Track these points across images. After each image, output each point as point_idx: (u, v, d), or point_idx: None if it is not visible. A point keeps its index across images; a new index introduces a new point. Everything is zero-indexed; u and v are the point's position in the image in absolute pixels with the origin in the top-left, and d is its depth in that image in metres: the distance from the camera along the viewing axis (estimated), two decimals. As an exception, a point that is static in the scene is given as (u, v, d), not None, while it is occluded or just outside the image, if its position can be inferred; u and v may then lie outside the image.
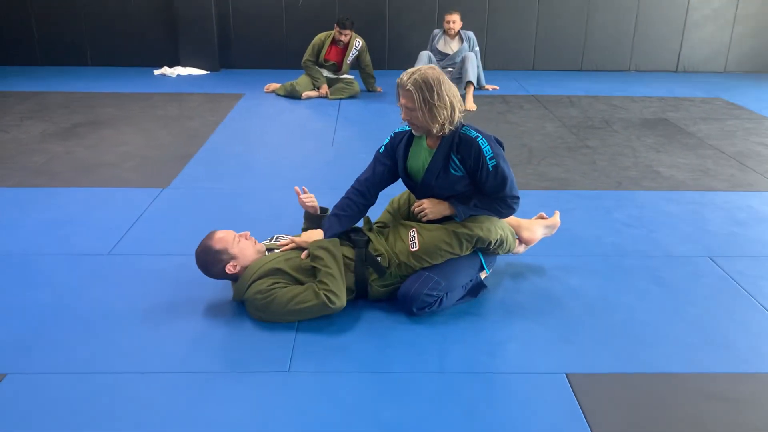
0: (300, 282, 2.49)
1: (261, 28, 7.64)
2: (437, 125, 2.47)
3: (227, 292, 2.65)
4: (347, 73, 6.52)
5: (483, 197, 2.59)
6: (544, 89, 6.89)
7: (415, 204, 2.67)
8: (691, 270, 2.95)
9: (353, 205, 2.67)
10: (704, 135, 5.20)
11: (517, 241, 2.88)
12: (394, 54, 7.73)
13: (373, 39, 7.26)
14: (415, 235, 2.58)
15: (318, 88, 6.33)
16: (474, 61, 6.27)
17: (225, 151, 4.67)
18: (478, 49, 6.52)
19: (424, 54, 6.33)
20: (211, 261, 2.53)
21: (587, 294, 2.74)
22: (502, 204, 2.59)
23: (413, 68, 2.50)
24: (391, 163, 2.69)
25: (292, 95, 6.30)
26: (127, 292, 2.68)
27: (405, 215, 2.80)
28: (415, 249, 2.55)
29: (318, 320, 2.46)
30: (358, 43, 6.36)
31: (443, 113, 2.44)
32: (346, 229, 2.66)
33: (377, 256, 2.57)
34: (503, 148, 2.59)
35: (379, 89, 6.63)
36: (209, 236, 2.57)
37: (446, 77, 2.50)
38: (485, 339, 2.41)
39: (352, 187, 2.72)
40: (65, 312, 2.53)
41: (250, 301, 2.46)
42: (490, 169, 2.49)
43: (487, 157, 2.48)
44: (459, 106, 2.49)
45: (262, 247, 2.63)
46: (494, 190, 2.55)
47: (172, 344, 2.34)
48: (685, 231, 3.37)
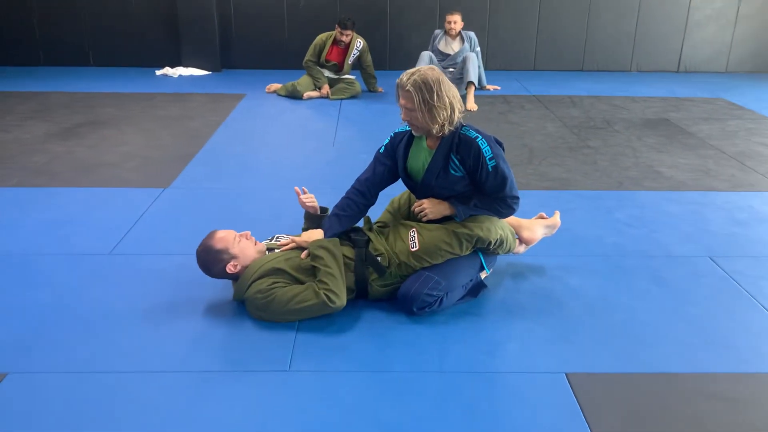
0: (300, 281, 2.49)
1: (262, 29, 7.65)
2: (437, 126, 2.47)
3: (228, 292, 2.65)
4: (348, 74, 6.52)
5: (483, 197, 2.59)
6: (546, 89, 6.88)
7: (415, 204, 2.67)
8: (691, 270, 2.95)
9: (353, 205, 2.67)
10: (705, 135, 5.20)
11: (517, 241, 2.89)
12: (395, 54, 7.73)
13: (374, 39, 7.27)
14: (415, 235, 2.58)
15: (319, 89, 6.34)
16: (475, 62, 6.27)
17: (226, 151, 4.67)
18: (479, 49, 6.52)
19: (425, 54, 6.33)
20: (211, 260, 2.53)
21: (587, 294, 2.74)
22: (502, 204, 2.59)
23: (413, 69, 2.50)
24: (391, 163, 2.69)
25: (294, 95, 6.30)
26: (128, 292, 2.68)
27: (405, 215, 2.80)
28: (415, 249, 2.56)
29: (318, 320, 2.46)
30: (359, 43, 6.36)
31: (443, 114, 2.44)
32: (347, 229, 2.66)
33: (377, 255, 2.57)
34: (503, 149, 2.59)
35: (380, 89, 6.63)
36: (210, 236, 2.58)
37: (446, 78, 2.50)
38: (485, 339, 2.41)
39: (352, 187, 2.72)
40: (66, 312, 2.53)
41: (250, 301, 2.47)
42: (490, 170, 2.49)
43: (487, 158, 2.48)
44: (459, 107, 2.49)
45: (263, 247, 2.64)
46: (494, 191, 2.55)
47: (173, 344, 2.34)
48: (685, 231, 3.37)
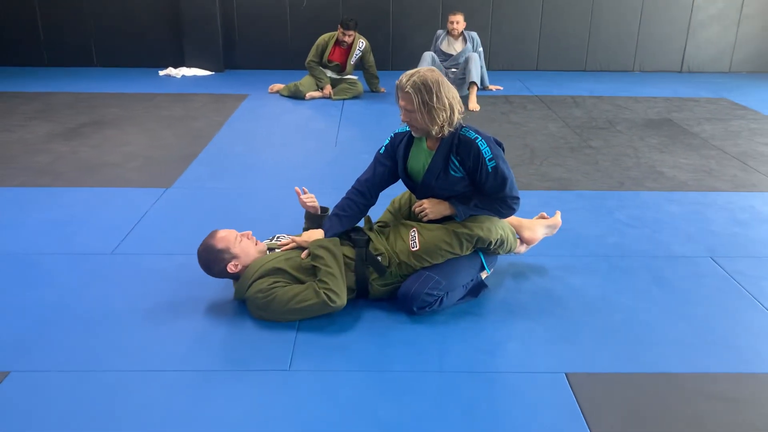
0: (300, 281, 2.50)
1: (265, 29, 7.66)
2: (436, 127, 2.47)
3: (228, 291, 2.66)
4: (351, 74, 6.53)
5: (483, 197, 2.59)
6: (548, 89, 6.88)
7: (416, 204, 2.67)
8: (692, 270, 2.95)
9: (354, 205, 2.68)
10: (708, 135, 5.19)
11: (518, 240, 2.89)
12: (397, 54, 7.74)
13: (376, 39, 7.28)
14: (416, 235, 2.58)
15: (322, 89, 6.35)
16: (477, 62, 6.27)
17: (228, 152, 4.68)
18: (481, 49, 6.52)
19: (428, 55, 6.33)
20: (213, 260, 2.54)
21: (588, 294, 2.74)
22: (503, 204, 2.59)
23: (412, 70, 2.49)
24: (391, 163, 2.70)
25: (296, 96, 6.31)
26: (129, 292, 2.69)
27: (406, 215, 2.81)
28: (415, 248, 2.56)
29: (318, 319, 2.47)
30: (361, 43, 6.37)
31: (442, 115, 2.45)
32: (347, 229, 2.67)
33: (377, 255, 2.58)
34: (503, 149, 2.59)
35: (382, 90, 6.64)
36: (211, 235, 2.58)
37: (445, 79, 2.49)
38: (485, 339, 2.41)
39: (352, 187, 2.73)
40: (67, 311, 2.55)
41: (251, 300, 2.48)
42: (490, 170, 2.50)
43: (487, 159, 2.49)
44: (458, 108, 2.49)
45: (264, 247, 2.64)
46: (494, 191, 2.55)
47: (174, 343, 2.35)
48: (687, 231, 3.37)
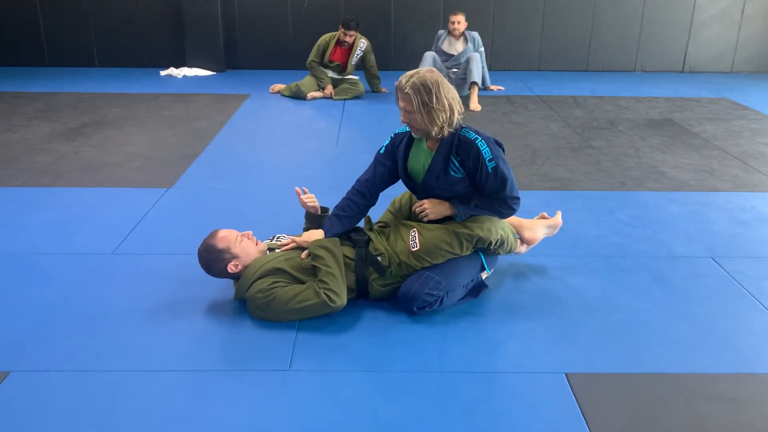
0: (301, 281, 2.50)
1: (266, 29, 7.67)
2: (436, 128, 2.47)
3: (229, 291, 2.66)
4: (352, 74, 6.53)
5: (483, 198, 2.59)
6: (550, 90, 6.88)
7: (416, 204, 2.67)
8: (693, 270, 2.95)
9: (354, 205, 2.68)
10: (710, 135, 5.18)
11: (518, 241, 2.89)
12: (398, 54, 7.74)
13: (377, 40, 7.28)
14: (416, 235, 2.58)
15: (323, 89, 6.35)
16: (479, 62, 6.27)
17: (229, 152, 4.69)
18: (483, 49, 6.51)
19: (429, 55, 6.33)
20: (213, 260, 2.55)
21: (588, 294, 2.73)
22: (503, 205, 2.59)
23: (412, 71, 2.49)
24: (391, 164, 2.70)
25: (297, 96, 6.32)
26: (130, 291, 2.70)
27: (406, 215, 2.81)
28: (415, 249, 2.56)
29: (318, 319, 2.47)
30: (362, 43, 6.37)
31: (442, 116, 2.44)
32: (347, 229, 2.67)
33: (377, 255, 2.58)
34: (503, 150, 2.59)
35: (383, 90, 6.64)
36: (212, 235, 2.59)
37: (445, 80, 2.49)
38: (485, 339, 2.41)
39: (352, 187, 2.73)
40: (68, 311, 2.55)
41: (251, 300, 2.48)
42: (490, 171, 2.49)
43: (486, 159, 2.48)
44: (458, 109, 2.49)
45: (264, 247, 2.65)
46: (494, 191, 2.55)
47: (174, 343, 2.35)
48: (687, 231, 3.36)
